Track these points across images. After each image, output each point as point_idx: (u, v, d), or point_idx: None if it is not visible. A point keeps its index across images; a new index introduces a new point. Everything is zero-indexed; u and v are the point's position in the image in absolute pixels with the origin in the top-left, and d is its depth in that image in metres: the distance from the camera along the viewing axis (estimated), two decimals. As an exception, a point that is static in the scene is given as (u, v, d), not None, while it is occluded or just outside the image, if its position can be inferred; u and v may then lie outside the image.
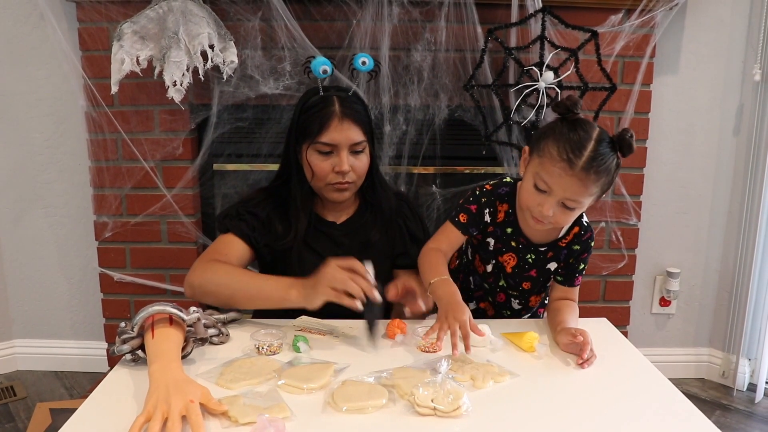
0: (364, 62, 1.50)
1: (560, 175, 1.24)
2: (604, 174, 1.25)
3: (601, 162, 1.23)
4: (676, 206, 2.46)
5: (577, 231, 1.42)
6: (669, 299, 2.51)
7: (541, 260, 1.46)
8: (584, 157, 1.22)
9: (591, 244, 1.43)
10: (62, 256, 2.47)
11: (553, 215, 1.28)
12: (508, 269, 1.48)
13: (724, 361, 2.53)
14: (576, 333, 1.24)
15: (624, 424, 1.02)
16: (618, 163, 1.29)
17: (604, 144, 1.25)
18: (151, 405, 0.95)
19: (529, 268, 1.47)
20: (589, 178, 1.23)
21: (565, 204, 1.27)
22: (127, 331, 1.15)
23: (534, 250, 1.45)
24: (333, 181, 1.48)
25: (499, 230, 1.46)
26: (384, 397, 1.04)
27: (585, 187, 1.24)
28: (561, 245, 1.43)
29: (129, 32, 1.95)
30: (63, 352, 2.54)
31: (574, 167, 1.22)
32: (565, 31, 2.07)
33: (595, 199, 1.30)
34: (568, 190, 1.25)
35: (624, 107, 2.22)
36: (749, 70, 2.30)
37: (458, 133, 2.27)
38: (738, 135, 2.39)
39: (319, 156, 1.47)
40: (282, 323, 1.37)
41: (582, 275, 1.46)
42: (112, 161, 2.24)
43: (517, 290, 1.52)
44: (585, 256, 1.43)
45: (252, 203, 1.55)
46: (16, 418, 2.22)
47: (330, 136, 1.45)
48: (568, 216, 1.31)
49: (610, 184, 1.30)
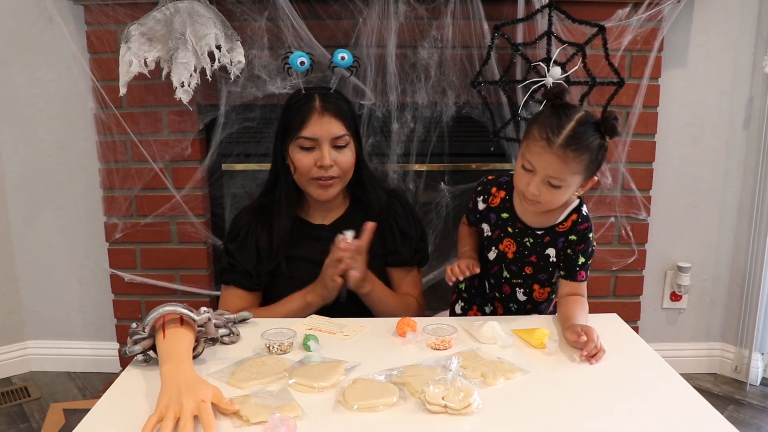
0: (343, 57, 1.54)
1: (540, 153, 1.31)
2: (584, 152, 1.30)
3: (580, 140, 1.29)
4: (686, 200, 2.45)
5: (575, 218, 1.44)
6: (680, 294, 2.50)
7: (540, 244, 1.46)
8: (562, 136, 1.29)
9: (589, 235, 1.44)
10: (73, 257, 2.49)
11: (540, 194, 1.34)
12: (509, 255, 1.49)
13: (737, 356, 2.51)
14: (581, 332, 1.24)
15: (635, 420, 1.02)
16: (602, 145, 1.34)
17: (586, 125, 1.31)
18: (163, 405, 0.96)
19: (528, 254, 1.48)
20: (568, 156, 1.29)
21: (550, 182, 1.32)
22: (138, 332, 1.16)
23: (531, 234, 1.46)
24: (316, 175, 1.50)
25: (494, 215, 1.50)
26: (395, 395, 1.04)
27: (565, 164, 1.30)
28: (558, 230, 1.45)
29: (136, 34, 1.96)
30: (75, 353, 2.56)
31: (552, 145, 1.29)
32: (572, 26, 2.06)
33: (582, 179, 1.35)
34: (549, 168, 1.31)
35: (632, 102, 2.20)
36: (759, 62, 2.28)
37: (466, 130, 2.26)
38: (748, 128, 2.38)
39: (301, 151, 1.50)
40: (292, 322, 1.37)
41: (586, 271, 1.45)
42: (122, 163, 2.25)
43: (521, 277, 1.51)
44: (582, 247, 1.43)
45: (239, 236, 1.59)
46: (31, 418, 2.24)
47: (311, 130, 1.48)
48: (554, 194, 1.35)
49: (595, 164, 1.35)
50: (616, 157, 2.24)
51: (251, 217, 1.60)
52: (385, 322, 1.38)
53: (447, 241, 2.33)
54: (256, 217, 1.60)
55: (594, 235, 1.46)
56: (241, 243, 1.58)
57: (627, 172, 2.27)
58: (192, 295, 2.33)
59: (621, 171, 2.26)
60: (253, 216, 1.60)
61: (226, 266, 1.60)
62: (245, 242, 1.58)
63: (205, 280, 2.35)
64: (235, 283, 1.59)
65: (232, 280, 1.59)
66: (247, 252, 1.57)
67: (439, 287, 2.26)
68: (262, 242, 1.57)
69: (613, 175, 2.25)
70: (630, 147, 2.24)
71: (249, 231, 1.58)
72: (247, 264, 1.57)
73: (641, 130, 2.25)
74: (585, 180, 1.36)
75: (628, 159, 2.25)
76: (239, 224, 1.60)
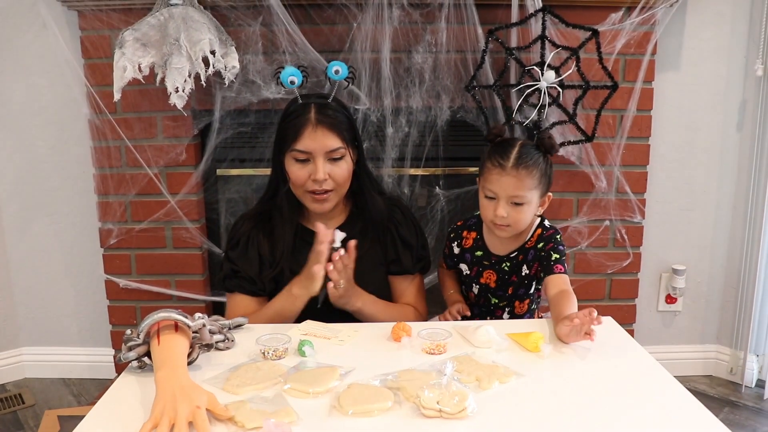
0: (337, 71, 1.53)
1: (497, 179, 1.49)
2: (533, 167, 1.48)
3: (528, 159, 1.48)
4: (680, 203, 2.45)
5: (540, 232, 1.58)
6: (675, 296, 2.51)
7: (516, 265, 1.60)
8: (512, 158, 1.48)
9: (556, 237, 1.56)
10: (68, 263, 2.48)
11: (508, 215, 1.49)
12: (492, 284, 1.63)
13: (732, 358, 2.52)
14: (572, 317, 1.25)
15: (630, 423, 1.02)
16: (547, 160, 1.53)
17: (528, 146, 1.51)
18: (158, 411, 0.95)
19: (509, 277, 1.61)
20: (521, 173, 1.47)
21: (514, 201, 1.49)
22: (132, 338, 1.16)
23: (507, 259, 1.60)
24: (310, 188, 1.49)
25: (469, 255, 1.66)
26: (389, 399, 1.04)
27: (521, 181, 1.47)
28: (528, 247, 1.58)
29: (130, 39, 1.96)
30: (70, 359, 2.55)
31: (505, 167, 1.48)
32: (565, 30, 2.07)
33: (540, 195, 1.52)
34: (509, 188, 1.48)
35: (626, 105, 2.21)
36: (751, 66, 2.29)
37: (461, 134, 2.27)
38: (741, 131, 2.39)
39: (296, 164, 1.49)
40: (287, 328, 1.37)
41: (563, 264, 1.53)
42: (116, 168, 2.25)
43: (506, 299, 1.64)
44: (551, 245, 1.55)
45: (240, 244, 1.57)
46: (25, 425, 2.23)
47: (304, 144, 1.46)
48: (520, 212, 1.50)
49: (546, 178, 1.52)
50: (611, 161, 2.25)
51: (251, 225, 1.59)
52: (380, 327, 1.38)
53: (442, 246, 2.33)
54: (256, 224, 1.59)
55: (561, 238, 1.58)
56: (243, 250, 1.57)
57: (621, 176, 2.27)
58: (187, 300, 2.33)
59: (615, 174, 2.27)
60: (253, 223, 1.59)
61: (229, 273, 1.58)
62: (246, 249, 1.57)
63: (200, 286, 2.34)
64: (240, 290, 1.57)
65: (236, 286, 1.58)
66: (249, 259, 1.56)
67: (434, 291, 2.26)
68: (264, 249, 1.56)
69: (607, 179, 2.26)
70: (624, 150, 2.25)
71: (250, 238, 1.57)
72: (250, 271, 1.56)
73: (635, 133, 2.25)
74: (541, 196, 1.53)
75: (622, 162, 2.26)
76: (239, 231, 1.59)
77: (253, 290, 1.57)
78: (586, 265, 2.33)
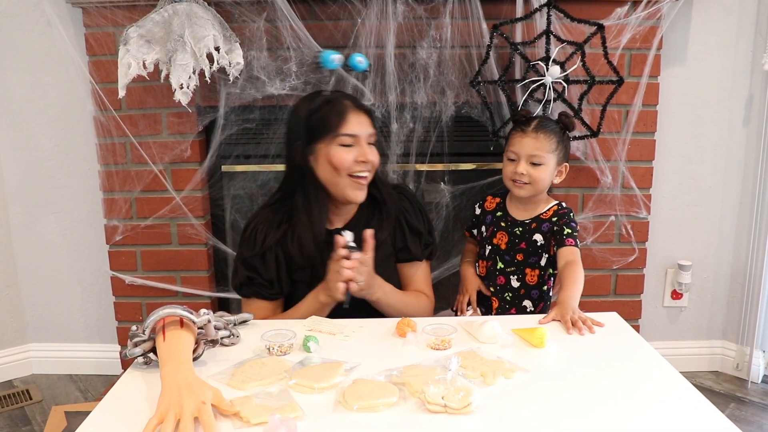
0: (360, 61, 1.56)
1: (519, 141, 1.67)
2: (551, 134, 1.66)
3: (546, 126, 1.66)
4: (686, 198, 2.44)
5: (556, 208, 1.71)
6: (681, 292, 2.50)
7: (528, 232, 1.71)
8: (532, 124, 1.66)
9: (570, 214, 1.69)
10: (74, 260, 2.49)
11: (527, 173, 1.64)
12: (502, 246, 1.73)
13: (738, 354, 2.51)
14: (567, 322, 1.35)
15: (636, 419, 1.01)
16: (565, 134, 1.71)
17: (547, 119, 1.72)
18: (163, 407, 0.96)
19: (519, 242, 1.71)
20: (540, 136, 1.64)
21: (533, 161, 1.64)
22: (138, 335, 1.16)
23: (520, 224, 1.72)
24: (355, 171, 1.50)
25: (490, 216, 1.78)
26: (394, 395, 1.05)
27: (539, 142, 1.64)
28: (543, 218, 1.70)
29: (135, 36, 1.96)
30: (77, 356, 2.57)
31: (526, 130, 1.66)
32: (570, 25, 2.06)
33: (557, 160, 1.67)
34: (528, 148, 1.65)
35: (632, 100, 2.20)
36: (758, 60, 2.28)
37: (466, 130, 2.26)
38: (748, 125, 2.37)
39: (341, 149, 1.49)
40: (292, 324, 1.37)
41: (574, 239, 1.64)
42: (121, 165, 2.25)
43: (513, 264, 1.72)
44: (565, 221, 1.67)
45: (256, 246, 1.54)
46: (33, 421, 2.24)
47: (351, 128, 1.49)
48: (538, 171, 1.65)
49: (563, 146, 1.69)
50: (616, 156, 2.24)
51: (268, 226, 1.55)
52: (385, 323, 1.39)
53: (447, 242, 2.33)
54: (273, 225, 1.55)
55: (574, 216, 1.71)
56: (259, 254, 1.54)
57: (627, 171, 2.27)
58: (193, 296, 2.33)
59: (621, 170, 2.26)
60: (270, 224, 1.55)
61: (245, 280, 1.56)
62: (264, 253, 1.54)
63: (205, 282, 2.35)
64: (257, 296, 1.56)
65: (253, 293, 1.56)
66: (266, 263, 1.54)
67: (439, 286, 2.26)
68: (282, 252, 1.54)
69: (613, 174, 2.25)
70: (630, 145, 2.24)
71: (266, 241, 1.54)
72: (268, 275, 1.54)
73: (641, 128, 2.24)
74: (558, 163, 1.68)
75: (628, 157, 2.25)
76: (255, 233, 1.55)
77: (270, 295, 1.56)
78: (591, 260, 2.32)
